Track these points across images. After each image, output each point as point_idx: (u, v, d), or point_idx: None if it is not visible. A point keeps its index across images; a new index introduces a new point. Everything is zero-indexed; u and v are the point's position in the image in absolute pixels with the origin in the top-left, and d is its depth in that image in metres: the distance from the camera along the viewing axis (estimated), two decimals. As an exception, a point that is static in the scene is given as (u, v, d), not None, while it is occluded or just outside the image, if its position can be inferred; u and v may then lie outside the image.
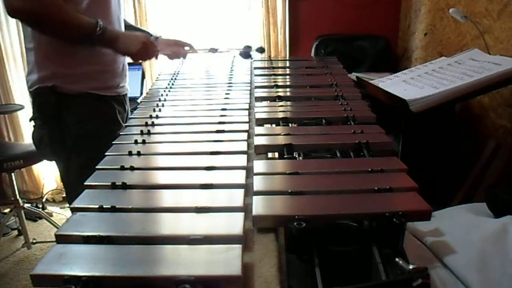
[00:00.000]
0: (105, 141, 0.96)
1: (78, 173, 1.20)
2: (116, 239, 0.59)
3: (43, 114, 1.26)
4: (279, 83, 1.42)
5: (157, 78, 1.58)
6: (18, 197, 2.31)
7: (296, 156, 0.90)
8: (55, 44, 1.20)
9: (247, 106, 1.18)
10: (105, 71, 1.30)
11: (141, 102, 1.33)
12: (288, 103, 1.23)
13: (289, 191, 0.70)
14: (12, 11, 1.10)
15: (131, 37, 1.28)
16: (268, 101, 1.26)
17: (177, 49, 1.58)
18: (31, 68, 1.25)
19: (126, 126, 1.09)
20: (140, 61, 1.31)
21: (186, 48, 1.60)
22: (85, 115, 1.26)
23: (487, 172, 1.51)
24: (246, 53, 1.49)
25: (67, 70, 1.22)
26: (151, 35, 1.54)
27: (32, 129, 1.34)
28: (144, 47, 1.27)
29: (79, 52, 1.22)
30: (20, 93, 2.72)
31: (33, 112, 1.31)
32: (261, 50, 1.72)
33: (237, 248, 0.56)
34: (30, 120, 1.33)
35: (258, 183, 0.73)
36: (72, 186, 1.29)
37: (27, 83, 1.28)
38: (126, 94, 1.43)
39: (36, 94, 1.25)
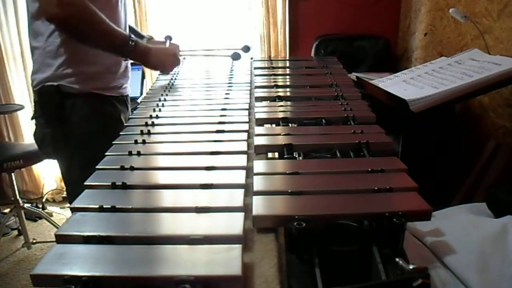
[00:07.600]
0: (107, 140, 0.96)
1: (80, 172, 1.19)
2: (116, 239, 0.59)
3: (47, 113, 1.27)
4: (279, 83, 1.42)
5: (157, 78, 1.58)
6: (18, 197, 2.31)
7: (296, 156, 0.90)
8: (61, 45, 1.20)
9: (247, 106, 1.18)
10: (109, 72, 1.31)
11: (141, 102, 1.33)
12: (288, 103, 1.22)
13: (289, 191, 0.70)
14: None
15: (164, 51, 1.29)
16: (268, 101, 1.26)
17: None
18: (37, 67, 1.25)
19: (126, 126, 1.09)
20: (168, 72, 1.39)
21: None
22: (88, 115, 1.26)
23: (487, 172, 1.51)
24: None
25: (73, 71, 1.22)
26: (144, 37, 1.53)
27: (34, 127, 1.34)
28: (175, 59, 1.29)
29: (85, 53, 1.23)
30: (20, 93, 2.72)
31: (35, 111, 1.31)
32: (246, 49, 1.63)
33: (237, 248, 0.56)
34: (32, 118, 1.33)
35: (258, 183, 0.73)
36: (74, 185, 1.28)
37: (32, 82, 1.28)
38: (128, 95, 1.44)
39: (41, 93, 1.25)
